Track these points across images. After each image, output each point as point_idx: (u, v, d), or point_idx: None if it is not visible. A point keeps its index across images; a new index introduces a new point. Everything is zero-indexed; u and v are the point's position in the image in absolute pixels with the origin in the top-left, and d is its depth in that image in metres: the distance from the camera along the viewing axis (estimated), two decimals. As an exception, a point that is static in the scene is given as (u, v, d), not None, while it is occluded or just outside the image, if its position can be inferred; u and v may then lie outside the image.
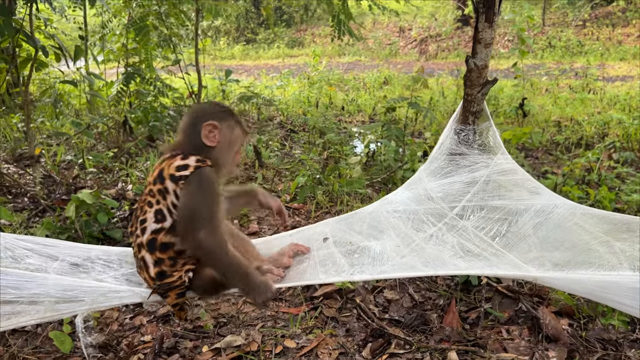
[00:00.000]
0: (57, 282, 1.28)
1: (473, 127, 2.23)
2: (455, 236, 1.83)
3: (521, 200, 1.95)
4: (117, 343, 2.32)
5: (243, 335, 2.37)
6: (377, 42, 16.58)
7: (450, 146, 2.22)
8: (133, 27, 4.98)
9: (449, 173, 2.15)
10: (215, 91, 7.53)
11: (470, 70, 2.21)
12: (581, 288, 1.43)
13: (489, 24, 2.14)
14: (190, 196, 1.56)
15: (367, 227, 1.94)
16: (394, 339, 2.26)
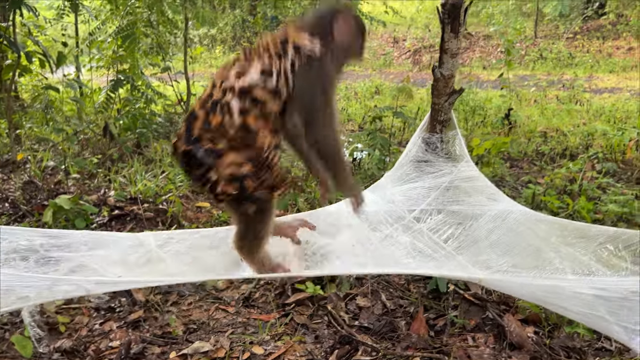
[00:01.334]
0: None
1: (440, 136, 2.25)
2: (410, 237, 1.85)
3: (478, 205, 1.97)
4: (84, 349, 2.32)
5: (211, 342, 2.37)
6: (371, 52, 16.67)
7: (416, 153, 2.25)
8: (120, 35, 5.01)
9: (413, 179, 2.17)
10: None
11: (437, 79, 2.24)
12: (523, 290, 1.45)
13: (454, 35, 2.17)
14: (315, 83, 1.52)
15: (325, 224, 1.95)
16: (362, 346, 2.27)
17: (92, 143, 5.60)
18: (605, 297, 1.23)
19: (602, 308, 1.24)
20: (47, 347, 1.99)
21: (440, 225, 1.91)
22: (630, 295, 1.20)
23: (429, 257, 1.70)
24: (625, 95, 8.37)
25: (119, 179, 4.36)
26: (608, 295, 1.23)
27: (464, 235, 1.84)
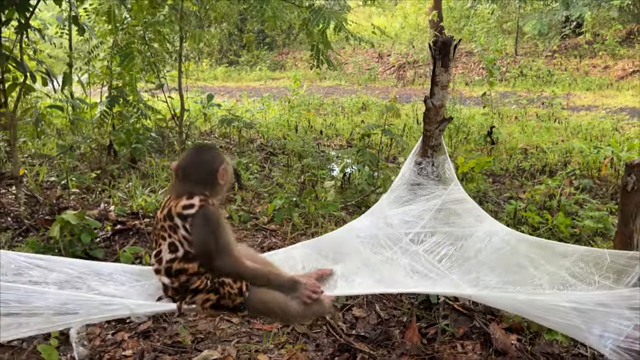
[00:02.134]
0: (56, 295, 1.44)
1: (432, 160, 2.46)
2: (408, 259, 2.05)
3: (468, 227, 2.17)
4: (99, 358, 2.46)
5: (219, 350, 2.53)
6: (356, 67, 16.99)
7: (410, 177, 2.45)
8: (118, 53, 5.16)
9: (407, 202, 2.37)
10: (197, 113, 7.71)
11: (428, 109, 2.45)
12: (508, 304, 1.64)
13: (444, 69, 2.39)
14: (199, 234, 1.78)
15: (333, 251, 2.14)
16: (359, 353, 2.45)
17: (87, 158, 5.72)
18: (578, 309, 1.43)
19: (577, 318, 1.44)
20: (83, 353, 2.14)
21: (434, 247, 2.11)
22: (599, 307, 1.41)
23: (426, 276, 1.90)
24: (601, 113, 8.73)
25: (118, 194, 4.50)
26: (581, 306, 1.43)
27: (455, 255, 2.04)
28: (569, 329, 1.47)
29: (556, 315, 1.45)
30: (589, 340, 1.45)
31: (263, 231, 4.02)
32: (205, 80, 17.11)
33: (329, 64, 6.42)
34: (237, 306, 1.82)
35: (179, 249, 1.78)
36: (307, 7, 6.35)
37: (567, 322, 1.45)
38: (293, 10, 6.65)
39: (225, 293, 1.80)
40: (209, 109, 7.45)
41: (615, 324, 1.40)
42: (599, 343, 1.42)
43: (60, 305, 1.41)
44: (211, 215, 1.78)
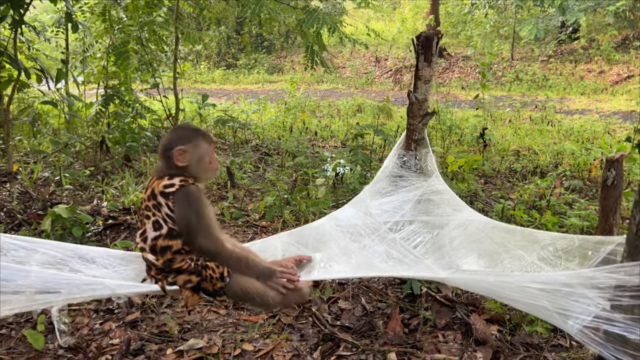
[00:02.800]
0: (38, 274, 1.48)
1: (415, 153, 2.50)
2: (385, 246, 2.09)
3: (445, 216, 2.22)
4: (86, 345, 2.49)
5: (205, 339, 2.57)
6: (354, 71, 17.08)
7: (392, 169, 2.50)
8: (114, 52, 5.21)
9: (389, 193, 2.42)
10: (192, 114, 7.77)
11: (412, 103, 2.50)
12: (479, 286, 1.69)
13: (427, 64, 2.45)
14: (181, 211, 1.83)
15: (313, 240, 2.18)
16: (343, 343, 2.49)
17: (82, 155, 5.77)
18: (545, 290, 1.48)
19: (544, 299, 1.48)
20: (68, 341, 2.18)
21: (411, 235, 2.16)
22: (563, 287, 1.45)
23: (401, 261, 1.94)
24: (594, 117, 8.81)
25: (111, 191, 4.54)
26: (546, 287, 1.48)
27: (431, 242, 2.08)
28: (537, 309, 1.51)
29: (524, 296, 1.50)
30: (555, 320, 1.49)
31: (254, 227, 4.06)
32: (203, 83, 17.20)
33: (323, 65, 6.48)
34: (217, 290, 1.86)
35: (162, 226, 1.83)
36: (302, 8, 6.42)
37: (535, 303, 1.49)
38: (290, 12, 6.73)
39: (207, 276, 1.84)
40: (205, 109, 7.50)
41: (580, 304, 1.44)
42: (562, 321, 1.46)
43: (42, 284, 1.45)
44: (192, 194, 1.83)
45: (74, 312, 2.81)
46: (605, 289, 1.42)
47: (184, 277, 1.83)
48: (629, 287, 1.35)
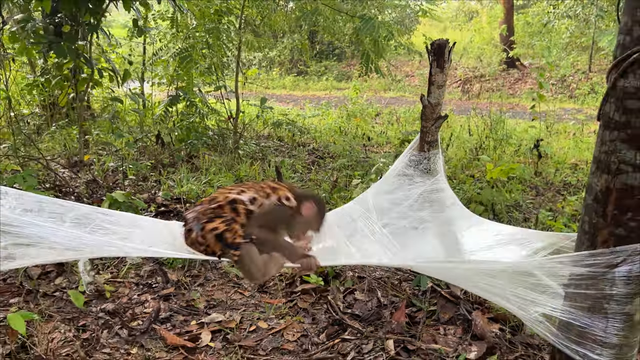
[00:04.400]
0: (67, 233, 1.78)
1: (427, 155, 2.63)
2: (373, 239, 2.25)
3: (436, 213, 2.33)
4: (123, 311, 2.83)
5: (226, 315, 2.83)
6: (422, 80, 17.02)
7: (401, 169, 2.63)
8: (179, 55, 5.67)
9: (391, 191, 2.56)
10: (251, 116, 8.20)
11: (425, 106, 2.63)
12: (444, 273, 1.80)
13: (440, 69, 2.57)
14: (271, 211, 2.13)
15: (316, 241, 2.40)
16: (349, 328, 2.66)
17: (148, 150, 6.29)
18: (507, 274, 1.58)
19: (506, 286, 1.58)
20: (92, 289, 2.51)
21: (401, 230, 2.29)
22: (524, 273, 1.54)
23: (384, 253, 2.10)
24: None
25: (168, 182, 4.96)
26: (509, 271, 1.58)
27: (417, 235, 2.22)
28: (496, 295, 1.61)
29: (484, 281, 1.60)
30: (512, 307, 1.59)
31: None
32: (274, 89, 17.80)
33: (377, 72, 6.65)
34: (234, 244, 2.04)
35: (254, 203, 2.10)
36: (359, 16, 6.63)
37: (494, 289, 1.59)
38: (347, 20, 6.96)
39: (234, 228, 2.03)
40: (264, 112, 7.88)
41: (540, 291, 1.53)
42: (521, 310, 1.56)
43: (70, 242, 1.74)
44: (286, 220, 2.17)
45: (118, 283, 3.17)
46: (561, 277, 1.51)
47: (215, 224, 2.03)
48: (576, 276, 1.44)
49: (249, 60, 20.45)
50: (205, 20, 5.98)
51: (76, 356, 2.33)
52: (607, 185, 1.46)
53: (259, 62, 20.09)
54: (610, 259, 1.40)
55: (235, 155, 6.25)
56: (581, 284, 1.44)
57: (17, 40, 4.50)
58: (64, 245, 1.74)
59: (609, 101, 1.51)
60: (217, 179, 5.14)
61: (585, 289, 1.44)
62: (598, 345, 1.44)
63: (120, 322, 2.71)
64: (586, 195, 1.55)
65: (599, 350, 1.43)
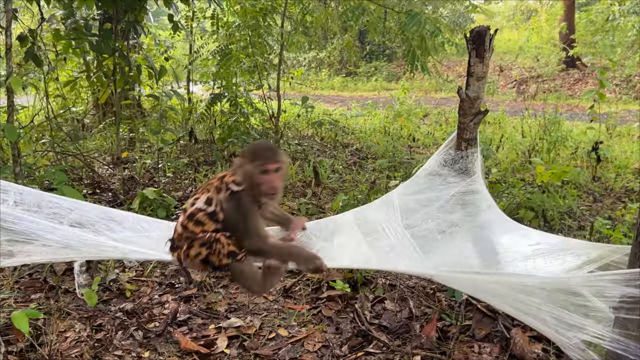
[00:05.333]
0: (65, 232, 1.69)
1: (465, 153, 2.39)
2: (394, 240, 2.03)
3: (469, 215, 2.08)
4: (141, 312, 2.74)
5: (247, 321, 2.69)
6: (475, 80, 16.46)
7: (433, 168, 2.41)
8: (218, 53, 5.62)
9: (421, 191, 2.33)
10: (293, 116, 8.12)
11: (462, 100, 2.39)
12: (466, 285, 1.57)
13: (479, 59, 2.32)
14: (231, 211, 1.98)
15: (327, 232, 2.20)
16: (375, 341, 2.46)
17: (189, 148, 6.29)
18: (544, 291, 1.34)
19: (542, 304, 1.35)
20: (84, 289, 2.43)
21: (426, 232, 2.06)
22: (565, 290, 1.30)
23: (402, 258, 1.88)
24: None
25: (204, 179, 4.90)
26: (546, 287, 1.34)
27: (443, 240, 1.98)
28: (532, 317, 1.38)
29: (514, 297, 1.37)
30: (548, 329, 1.35)
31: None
32: (322, 90, 17.70)
33: (423, 70, 6.37)
34: (221, 266, 1.94)
35: (212, 205, 1.97)
36: (406, 12, 6.38)
37: (529, 309, 1.36)
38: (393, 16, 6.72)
39: (216, 250, 1.93)
40: (309, 111, 7.76)
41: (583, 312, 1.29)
42: (560, 335, 1.32)
43: (66, 241, 1.65)
44: (242, 202, 1.97)
45: (141, 282, 3.10)
46: (610, 299, 1.26)
47: (196, 250, 1.94)
48: (627, 297, 1.19)
49: (299, 61, 20.47)
50: (247, 18, 5.90)
51: (84, 357, 2.25)
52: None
53: (308, 63, 20.06)
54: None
55: (275, 155, 6.15)
56: (634, 308, 1.20)
57: (60, 39, 4.55)
58: (60, 244, 1.64)
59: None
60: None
61: (639, 314, 1.19)
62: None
63: (136, 323, 2.62)
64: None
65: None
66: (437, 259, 1.81)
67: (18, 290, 2.83)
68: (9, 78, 2.96)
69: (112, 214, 2.04)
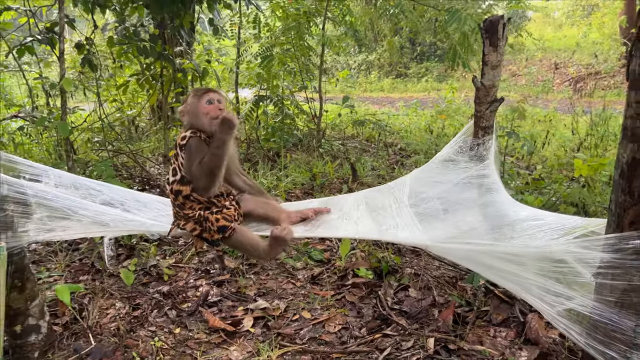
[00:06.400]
0: (96, 208, 1.88)
1: (482, 140, 2.42)
2: (396, 216, 2.09)
3: (477, 195, 2.12)
4: (177, 294, 2.94)
5: (273, 304, 2.83)
6: (530, 79, 16.03)
7: (448, 154, 2.45)
8: (260, 55, 5.83)
9: (432, 176, 2.38)
10: (334, 115, 8.26)
11: (478, 89, 2.43)
12: (460, 255, 1.62)
13: (493, 48, 2.35)
14: (186, 159, 2.13)
15: (337, 208, 2.30)
16: (394, 324, 2.53)
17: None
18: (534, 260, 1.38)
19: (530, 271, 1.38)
20: (114, 265, 2.64)
21: (430, 210, 2.11)
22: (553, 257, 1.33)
23: (403, 231, 1.95)
24: None
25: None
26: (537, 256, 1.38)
27: (444, 217, 2.03)
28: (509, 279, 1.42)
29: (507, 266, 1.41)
30: (533, 298, 1.38)
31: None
32: (371, 92, 17.74)
33: (464, 66, 6.34)
34: (214, 241, 2.14)
35: (177, 172, 2.14)
36: (446, 10, 6.38)
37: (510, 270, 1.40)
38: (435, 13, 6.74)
39: (207, 227, 2.11)
40: (351, 112, 7.88)
41: (559, 284, 1.33)
42: (544, 303, 1.35)
43: (96, 217, 1.84)
44: (190, 145, 2.10)
45: (179, 268, 3.31)
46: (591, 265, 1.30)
47: (191, 225, 2.13)
48: (603, 263, 1.23)
49: (349, 64, 20.59)
50: (288, 21, 6.09)
51: (121, 330, 2.45)
52: (633, 156, 1.23)
53: (358, 66, 20.15)
54: (638, 243, 1.17)
55: (316, 154, 6.29)
56: (607, 273, 1.22)
57: (113, 45, 4.88)
58: (92, 219, 1.83)
59: (634, 56, 1.28)
60: (292, 175, 5.21)
61: (611, 279, 1.22)
62: (627, 347, 1.21)
63: (171, 303, 2.81)
64: (614, 170, 1.32)
65: (627, 352, 1.20)
66: (435, 232, 1.87)
67: (69, 272, 3.09)
68: (62, 80, 3.25)
69: (138, 196, 2.25)
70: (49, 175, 1.94)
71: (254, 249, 2.16)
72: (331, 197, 2.45)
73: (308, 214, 2.38)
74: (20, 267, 1.99)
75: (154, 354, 2.30)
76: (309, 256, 3.44)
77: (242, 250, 2.20)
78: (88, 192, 2.02)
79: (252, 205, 2.42)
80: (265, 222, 2.41)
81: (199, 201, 2.17)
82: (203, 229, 2.12)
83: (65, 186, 1.96)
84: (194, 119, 2.18)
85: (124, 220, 1.94)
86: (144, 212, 2.14)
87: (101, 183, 2.16)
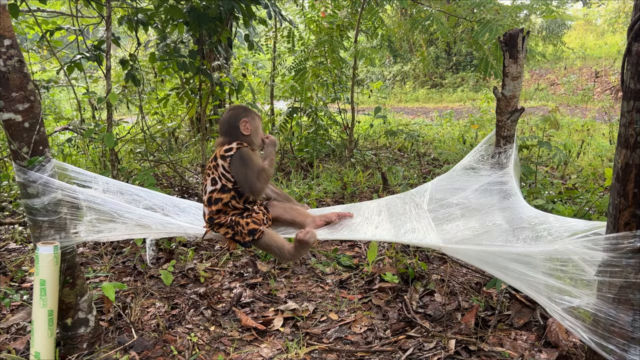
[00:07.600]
0: (140, 212, 2.06)
1: (503, 149, 2.50)
2: (415, 220, 2.19)
3: (494, 200, 2.19)
4: (212, 295, 3.11)
5: (303, 305, 2.96)
6: (569, 87, 15.76)
7: (469, 162, 2.53)
8: (294, 68, 6.03)
9: (452, 183, 2.47)
10: (367, 126, 8.37)
11: (499, 99, 2.52)
12: (473, 257, 1.70)
13: (513, 60, 2.44)
14: (237, 166, 2.31)
15: (362, 218, 2.42)
16: (417, 326, 2.63)
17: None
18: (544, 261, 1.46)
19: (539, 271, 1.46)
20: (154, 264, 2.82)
21: (446, 216, 2.20)
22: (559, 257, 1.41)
23: (419, 235, 2.05)
24: None
25: (279, 186, 5.28)
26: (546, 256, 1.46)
27: (460, 221, 2.11)
28: (523, 279, 1.50)
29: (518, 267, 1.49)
30: (542, 297, 1.46)
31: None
32: (406, 102, 17.78)
33: (497, 76, 6.37)
34: (246, 243, 2.31)
35: (217, 182, 2.32)
36: (477, 21, 6.44)
37: (523, 272, 1.48)
38: (467, 24, 6.79)
39: (238, 231, 2.28)
40: (385, 123, 7.99)
41: (563, 282, 1.40)
42: (551, 302, 1.44)
43: (140, 219, 2.02)
44: (245, 154, 2.29)
45: (215, 272, 3.48)
46: (594, 263, 1.38)
47: (224, 230, 2.30)
48: (602, 262, 1.31)
49: (384, 75, 20.71)
50: (321, 35, 6.28)
51: (160, 327, 2.63)
52: (626, 161, 1.31)
53: (393, 77, 20.24)
54: (632, 242, 1.25)
55: (348, 164, 6.43)
56: (606, 271, 1.30)
57: (154, 61, 5.16)
58: (135, 222, 2.01)
59: (626, 68, 1.36)
60: (324, 184, 5.35)
61: (610, 276, 1.29)
62: (625, 341, 1.28)
63: (207, 303, 2.98)
64: (612, 175, 1.40)
65: (625, 346, 1.27)
66: (450, 235, 1.97)
67: (113, 274, 3.31)
68: (108, 94, 3.50)
69: (177, 202, 2.43)
70: (98, 182, 2.14)
71: (281, 250, 2.31)
72: (355, 204, 2.57)
73: (332, 217, 2.52)
74: (71, 265, 2.19)
75: (190, 349, 2.46)
76: (337, 262, 3.57)
77: (270, 251, 2.35)
78: (132, 198, 2.22)
79: (280, 211, 2.58)
80: (292, 226, 2.56)
81: (234, 207, 2.35)
82: (235, 232, 2.28)
83: (112, 192, 2.15)
84: (255, 136, 2.43)
85: (164, 223, 2.12)
86: (182, 216, 2.32)
87: (144, 189, 2.35)
